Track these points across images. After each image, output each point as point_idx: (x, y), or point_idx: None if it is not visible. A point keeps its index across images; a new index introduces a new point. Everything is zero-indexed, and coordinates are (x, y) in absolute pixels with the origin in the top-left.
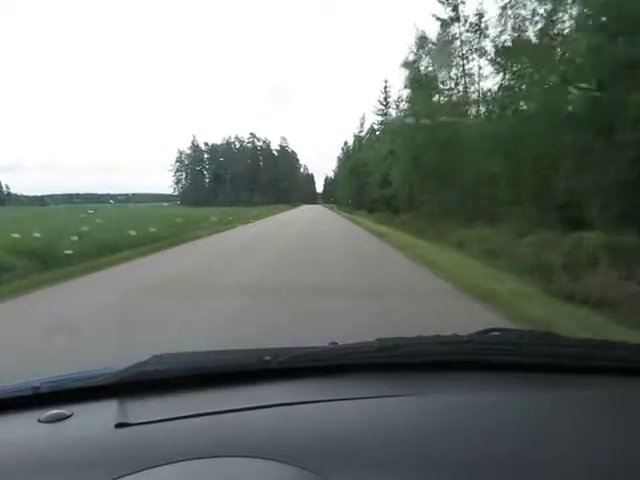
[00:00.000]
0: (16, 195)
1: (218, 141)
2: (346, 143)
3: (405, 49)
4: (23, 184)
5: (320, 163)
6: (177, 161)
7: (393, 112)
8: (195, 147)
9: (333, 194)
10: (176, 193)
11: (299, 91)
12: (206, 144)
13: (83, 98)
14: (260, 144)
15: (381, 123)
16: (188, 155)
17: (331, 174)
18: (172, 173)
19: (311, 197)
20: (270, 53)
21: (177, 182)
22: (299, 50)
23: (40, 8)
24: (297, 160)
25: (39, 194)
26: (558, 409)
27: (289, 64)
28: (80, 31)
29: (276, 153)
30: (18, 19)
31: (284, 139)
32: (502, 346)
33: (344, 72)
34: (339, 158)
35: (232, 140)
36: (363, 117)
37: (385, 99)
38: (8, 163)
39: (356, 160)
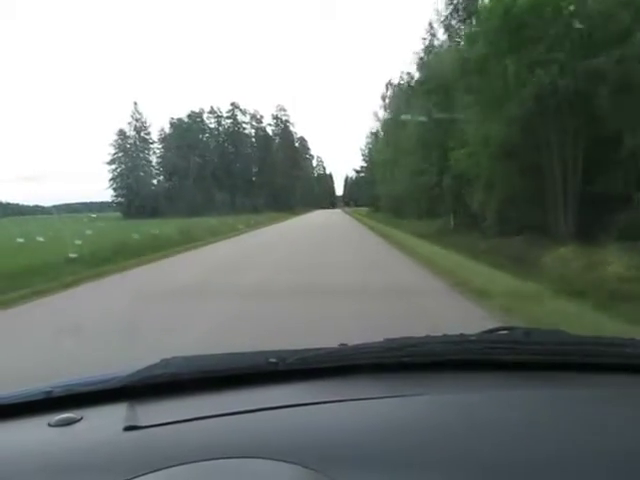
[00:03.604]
0: None
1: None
2: (384, 98)
3: None
4: None
5: (338, 165)
6: (117, 148)
7: None
8: (139, 126)
9: (357, 196)
10: (123, 198)
11: (311, 93)
12: (173, 122)
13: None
14: (246, 119)
15: None
16: (129, 139)
17: (352, 175)
18: (109, 167)
19: (329, 200)
20: (280, 55)
21: (114, 179)
22: (309, 52)
23: None
24: (307, 149)
25: None
26: (568, 407)
27: (299, 65)
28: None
29: (270, 132)
30: None
31: (282, 109)
32: (510, 345)
33: (358, 71)
34: (371, 135)
35: (206, 115)
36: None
37: None
38: None
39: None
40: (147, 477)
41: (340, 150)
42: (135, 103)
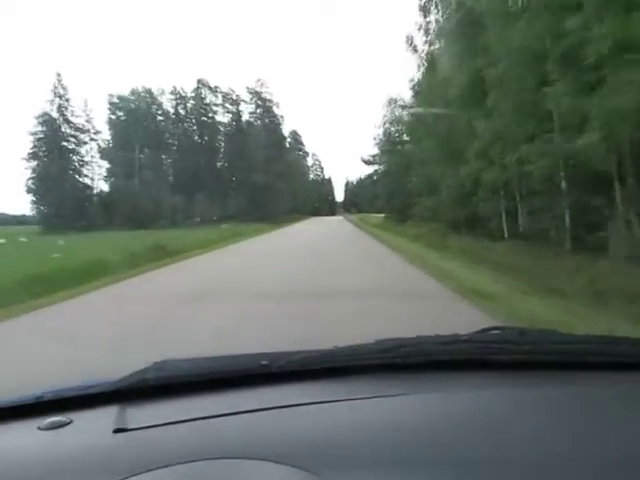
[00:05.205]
0: None
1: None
2: (426, 11)
3: None
4: None
5: (338, 174)
6: (37, 138)
7: None
8: (64, 105)
9: (359, 200)
10: (44, 206)
11: (310, 98)
12: (113, 102)
13: None
14: (218, 100)
15: None
16: (54, 123)
17: (352, 180)
18: (29, 165)
19: (327, 207)
20: (278, 56)
21: (33, 180)
22: (308, 51)
23: None
24: (301, 144)
25: None
26: (560, 406)
27: (297, 67)
28: None
29: (248, 115)
30: None
31: (263, 84)
32: (502, 344)
33: (357, 75)
34: (393, 103)
35: (167, 97)
36: None
37: None
38: None
39: None
40: (138, 477)
41: (340, 159)
42: (58, 74)
